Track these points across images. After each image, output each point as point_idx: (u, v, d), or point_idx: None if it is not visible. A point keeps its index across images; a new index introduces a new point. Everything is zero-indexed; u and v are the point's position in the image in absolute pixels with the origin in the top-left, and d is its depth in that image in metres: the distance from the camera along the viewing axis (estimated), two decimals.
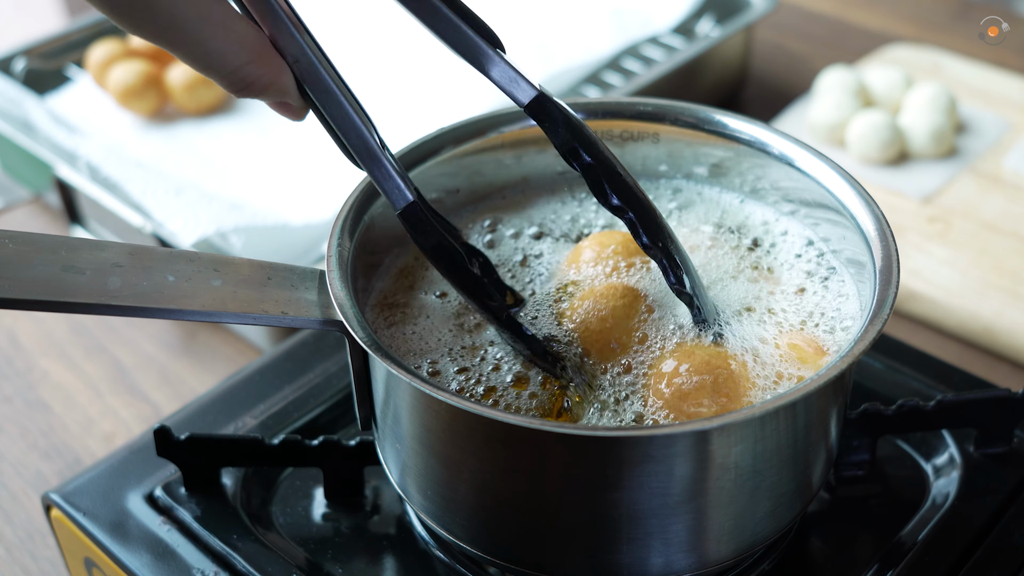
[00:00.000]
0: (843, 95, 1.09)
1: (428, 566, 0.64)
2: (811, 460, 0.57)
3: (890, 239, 0.57)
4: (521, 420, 0.50)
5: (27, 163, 1.08)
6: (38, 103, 1.10)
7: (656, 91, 1.08)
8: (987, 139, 1.09)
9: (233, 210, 0.95)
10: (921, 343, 0.89)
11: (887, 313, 0.53)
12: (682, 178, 0.69)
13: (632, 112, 0.67)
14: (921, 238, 0.97)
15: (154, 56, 1.15)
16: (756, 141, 0.65)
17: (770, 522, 0.57)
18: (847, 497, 0.68)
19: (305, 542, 0.66)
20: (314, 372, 0.76)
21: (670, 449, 0.51)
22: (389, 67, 1.19)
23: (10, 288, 0.53)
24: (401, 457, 0.58)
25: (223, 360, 0.93)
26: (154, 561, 0.64)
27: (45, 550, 0.78)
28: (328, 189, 1.00)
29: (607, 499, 0.53)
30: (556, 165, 0.69)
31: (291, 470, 0.70)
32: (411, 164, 0.64)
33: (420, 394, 0.53)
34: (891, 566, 0.62)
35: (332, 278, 0.55)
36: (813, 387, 0.50)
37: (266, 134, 1.10)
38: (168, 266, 0.56)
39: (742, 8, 1.20)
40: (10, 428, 0.88)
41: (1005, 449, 0.68)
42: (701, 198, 0.69)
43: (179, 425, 0.72)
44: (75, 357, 0.95)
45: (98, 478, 0.69)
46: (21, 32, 1.42)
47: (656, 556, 0.55)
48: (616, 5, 1.24)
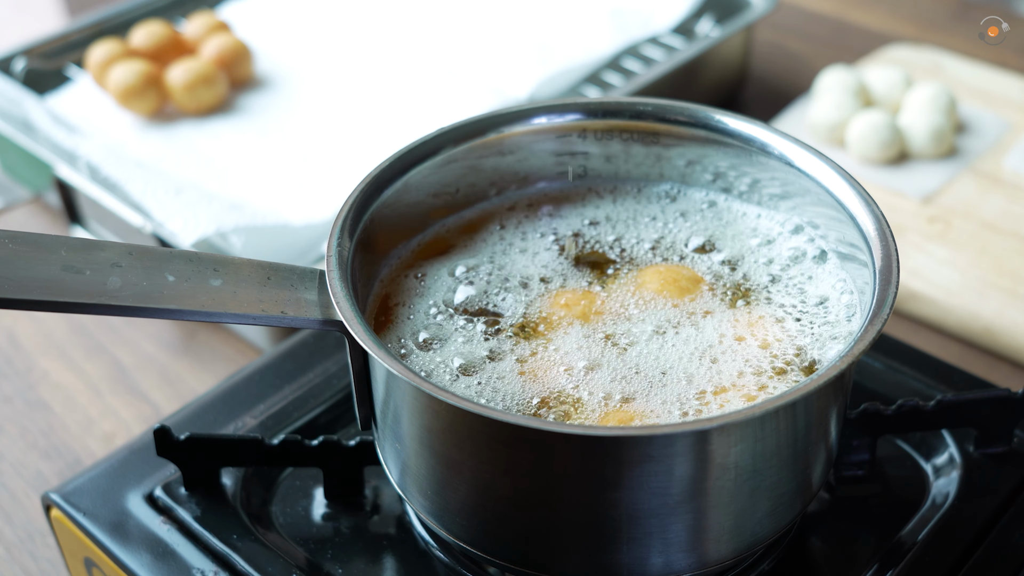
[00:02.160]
0: (843, 95, 1.09)
1: (428, 566, 0.64)
2: (811, 460, 0.57)
3: (890, 239, 0.57)
4: (521, 420, 0.50)
5: (27, 163, 1.08)
6: (38, 103, 1.10)
7: (656, 91, 1.08)
8: (987, 139, 1.09)
9: (233, 210, 0.95)
10: (921, 343, 0.89)
11: (887, 313, 0.53)
12: (682, 178, 0.69)
13: (632, 112, 0.67)
14: (921, 238, 0.97)
15: (154, 56, 1.15)
16: (756, 141, 0.65)
17: (770, 522, 0.57)
18: (847, 497, 0.68)
19: (305, 542, 0.66)
20: (314, 372, 0.76)
21: (670, 449, 0.51)
22: (390, 67, 1.19)
23: (10, 288, 0.53)
24: (401, 457, 0.58)
25: (223, 360, 0.93)
26: (154, 561, 0.64)
27: (45, 550, 0.78)
28: (328, 189, 1.00)
29: (607, 499, 0.53)
30: (556, 165, 0.69)
31: (291, 470, 0.70)
32: (411, 164, 0.64)
33: (420, 394, 0.53)
34: (891, 566, 0.62)
35: (332, 278, 0.55)
36: (813, 387, 0.50)
37: (266, 134, 1.10)
38: (168, 266, 0.56)
39: (742, 8, 1.20)
40: (10, 428, 0.88)
41: (1005, 449, 0.68)
42: (701, 198, 0.69)
43: (179, 425, 0.72)
44: (75, 357, 0.95)
45: (98, 478, 0.69)
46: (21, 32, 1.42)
47: (656, 556, 0.55)
48: (616, 5, 1.24)
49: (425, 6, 1.29)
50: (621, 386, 0.57)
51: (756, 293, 0.63)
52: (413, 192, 0.65)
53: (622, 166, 0.69)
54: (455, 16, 1.27)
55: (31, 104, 1.10)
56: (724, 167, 0.67)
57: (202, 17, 1.21)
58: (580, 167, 0.70)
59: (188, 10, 1.31)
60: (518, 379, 0.58)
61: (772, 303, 0.62)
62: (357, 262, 0.59)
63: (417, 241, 0.67)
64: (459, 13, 1.27)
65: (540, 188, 0.70)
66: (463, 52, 1.20)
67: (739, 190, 0.68)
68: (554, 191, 0.70)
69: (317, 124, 1.11)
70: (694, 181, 0.69)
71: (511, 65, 1.16)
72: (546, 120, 0.67)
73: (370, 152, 1.05)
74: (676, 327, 0.60)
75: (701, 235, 0.67)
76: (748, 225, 0.67)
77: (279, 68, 1.20)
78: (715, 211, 0.68)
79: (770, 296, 0.62)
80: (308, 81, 1.18)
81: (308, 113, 1.13)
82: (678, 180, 0.69)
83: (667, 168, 0.69)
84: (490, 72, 1.16)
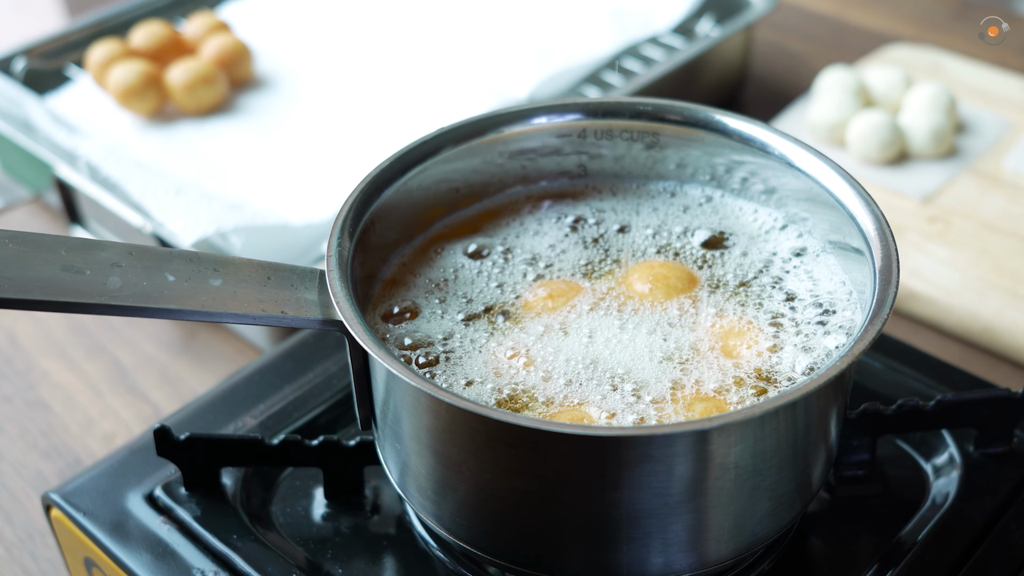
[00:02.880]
0: (843, 95, 1.09)
1: (428, 566, 0.64)
2: (811, 460, 0.57)
3: (890, 239, 0.57)
4: (521, 420, 0.50)
5: (27, 163, 1.08)
6: (38, 103, 1.10)
7: (656, 91, 1.09)
8: (987, 139, 1.09)
9: (233, 210, 0.95)
10: (921, 343, 0.89)
11: (887, 313, 0.53)
12: (681, 178, 0.69)
13: (632, 112, 0.67)
14: (921, 238, 0.97)
15: (154, 56, 1.15)
16: (756, 141, 0.65)
17: (770, 522, 0.57)
18: (847, 497, 0.68)
19: (305, 542, 0.66)
20: (314, 372, 0.76)
21: (670, 449, 0.51)
22: (390, 67, 1.19)
23: (10, 288, 0.53)
24: (401, 457, 0.58)
25: (223, 360, 0.93)
26: (154, 561, 0.64)
27: (45, 550, 0.78)
28: (328, 189, 1.00)
29: (607, 499, 0.53)
30: (556, 165, 0.69)
31: (291, 470, 0.70)
32: (411, 164, 0.64)
33: (420, 394, 0.53)
34: (891, 566, 0.62)
35: (332, 278, 0.55)
36: (813, 387, 0.50)
37: (266, 134, 1.10)
38: (168, 266, 0.56)
39: (742, 8, 1.20)
40: (10, 428, 0.88)
41: (1005, 449, 0.68)
42: (700, 198, 0.69)
43: (179, 425, 0.72)
44: (75, 357, 0.95)
45: (98, 478, 0.69)
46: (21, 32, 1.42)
47: (656, 556, 0.55)
48: (616, 5, 1.24)
49: (425, 6, 1.29)
50: (579, 386, 0.57)
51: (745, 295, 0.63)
52: (413, 192, 0.65)
53: (622, 166, 0.69)
54: (455, 16, 1.27)
55: (31, 104, 1.10)
56: (724, 167, 0.67)
57: (202, 17, 1.21)
58: (580, 167, 0.70)
59: (188, 10, 1.31)
60: (480, 363, 0.58)
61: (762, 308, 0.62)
62: (357, 262, 0.59)
63: (418, 241, 0.67)
64: (459, 13, 1.27)
65: (540, 188, 0.70)
66: (463, 52, 1.20)
67: (739, 190, 0.68)
68: (554, 190, 0.70)
69: (317, 124, 1.11)
70: (693, 180, 0.69)
71: (511, 65, 1.16)
72: (546, 120, 0.67)
73: (370, 152, 1.05)
74: (653, 329, 0.60)
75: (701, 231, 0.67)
76: (746, 223, 0.67)
77: (279, 68, 1.20)
78: (713, 208, 0.68)
79: (761, 302, 0.62)
80: (308, 81, 1.18)
81: (308, 113, 1.13)
82: (677, 179, 0.69)
83: (667, 168, 0.69)
84: (490, 72, 1.16)
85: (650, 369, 0.58)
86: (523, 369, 0.58)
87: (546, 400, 0.56)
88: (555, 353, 0.59)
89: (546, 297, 0.62)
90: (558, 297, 0.62)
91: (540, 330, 0.60)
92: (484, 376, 0.58)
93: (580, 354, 0.59)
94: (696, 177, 0.69)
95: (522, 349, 0.59)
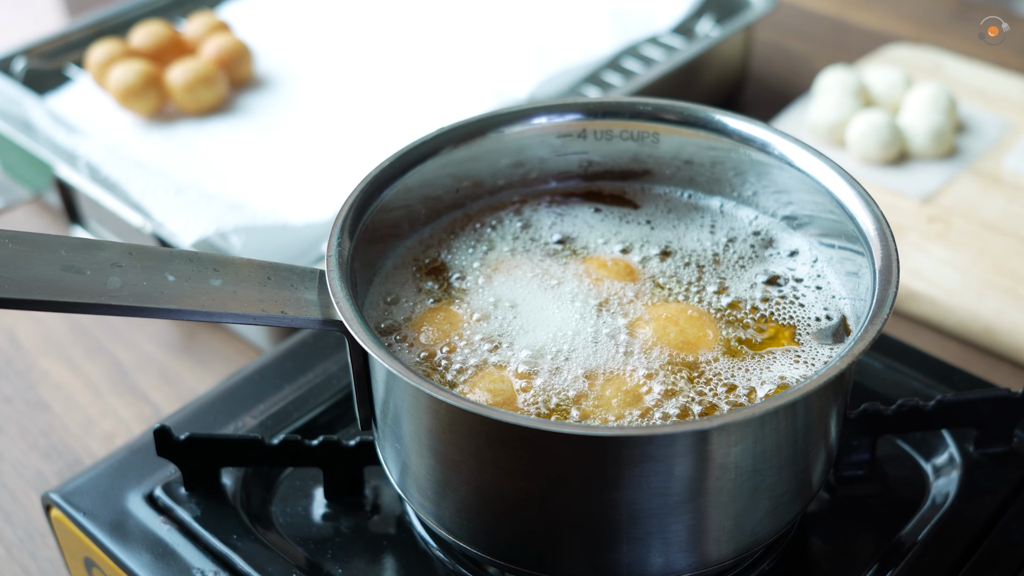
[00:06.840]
0: (843, 95, 1.09)
1: (428, 566, 0.64)
2: (811, 460, 0.57)
3: (890, 239, 0.57)
4: (521, 420, 0.50)
5: (27, 163, 1.08)
6: (38, 103, 1.10)
7: (656, 91, 1.09)
8: (987, 139, 1.09)
9: (233, 210, 0.95)
10: (921, 343, 0.89)
11: (887, 313, 0.53)
12: (682, 178, 0.69)
13: (632, 112, 0.67)
14: (921, 238, 0.97)
15: (154, 56, 1.15)
16: (756, 141, 0.65)
17: (770, 522, 0.57)
18: (847, 497, 0.68)
19: (305, 542, 0.66)
20: (314, 372, 0.76)
21: (670, 449, 0.51)
22: (390, 67, 1.19)
23: (10, 288, 0.53)
24: (401, 457, 0.58)
25: (223, 360, 0.93)
26: (154, 561, 0.64)
27: (45, 550, 0.78)
28: (328, 189, 1.00)
29: (607, 499, 0.53)
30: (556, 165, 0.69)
31: (291, 470, 0.70)
32: (411, 164, 0.64)
33: (420, 394, 0.53)
34: (891, 566, 0.62)
35: (332, 278, 0.55)
36: (813, 387, 0.50)
37: (266, 134, 1.10)
38: (168, 266, 0.56)
39: (742, 8, 1.20)
40: (10, 428, 0.88)
41: (1005, 449, 0.68)
42: (700, 198, 0.69)
43: (179, 425, 0.72)
44: (75, 357, 0.95)
45: (98, 478, 0.69)
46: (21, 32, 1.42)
47: (656, 556, 0.55)
48: (616, 5, 1.24)
49: (425, 6, 1.29)
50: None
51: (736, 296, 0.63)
52: (413, 192, 0.65)
53: (622, 166, 0.69)
54: (455, 16, 1.27)
55: (31, 104, 1.10)
56: (724, 167, 0.67)
57: (202, 17, 1.21)
58: (580, 167, 0.70)
59: (188, 10, 1.31)
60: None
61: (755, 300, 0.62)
62: (357, 262, 0.59)
63: (418, 240, 0.67)
64: (459, 13, 1.27)
65: (540, 188, 0.70)
66: (463, 52, 1.20)
67: (739, 190, 0.68)
68: (553, 190, 0.70)
69: (317, 124, 1.11)
70: (693, 180, 0.69)
71: (511, 65, 1.16)
72: (546, 120, 0.67)
73: (370, 152, 1.05)
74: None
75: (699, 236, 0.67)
76: (745, 222, 0.67)
77: (279, 68, 1.20)
78: (713, 209, 0.68)
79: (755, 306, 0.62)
80: (308, 81, 1.18)
81: (308, 113, 1.13)
82: (677, 179, 0.69)
83: (667, 168, 0.69)
84: (490, 72, 1.16)
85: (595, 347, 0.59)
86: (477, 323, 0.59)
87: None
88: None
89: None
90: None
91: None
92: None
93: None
94: (695, 177, 0.69)
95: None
